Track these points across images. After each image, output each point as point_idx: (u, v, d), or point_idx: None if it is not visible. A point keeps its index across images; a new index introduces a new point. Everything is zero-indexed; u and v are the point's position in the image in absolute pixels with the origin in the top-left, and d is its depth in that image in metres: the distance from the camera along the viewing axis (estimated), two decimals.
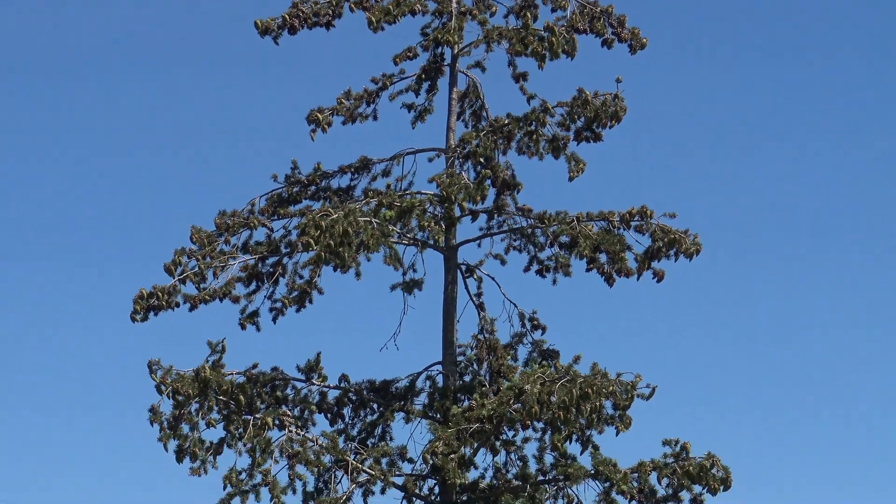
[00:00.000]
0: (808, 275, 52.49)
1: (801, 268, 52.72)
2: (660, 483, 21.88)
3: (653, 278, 23.62)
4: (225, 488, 22.26)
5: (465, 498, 23.40)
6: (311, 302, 23.37)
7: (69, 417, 49.86)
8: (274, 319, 23.38)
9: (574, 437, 22.23)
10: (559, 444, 22.44)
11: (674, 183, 52.64)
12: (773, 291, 52.31)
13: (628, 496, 21.79)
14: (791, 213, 54.15)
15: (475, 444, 22.21)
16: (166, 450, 22.28)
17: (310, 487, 22.88)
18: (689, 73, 54.88)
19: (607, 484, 21.93)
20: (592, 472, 22.03)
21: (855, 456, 48.41)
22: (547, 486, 22.73)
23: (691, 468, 21.63)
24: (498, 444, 23.22)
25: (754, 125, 55.00)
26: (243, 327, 23.20)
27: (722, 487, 21.71)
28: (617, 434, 21.91)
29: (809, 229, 53.53)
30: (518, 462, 23.46)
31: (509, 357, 24.58)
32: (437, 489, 23.71)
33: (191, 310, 22.81)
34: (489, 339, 24.72)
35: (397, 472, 23.34)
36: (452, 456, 21.60)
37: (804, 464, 48.42)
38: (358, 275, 22.38)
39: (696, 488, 21.89)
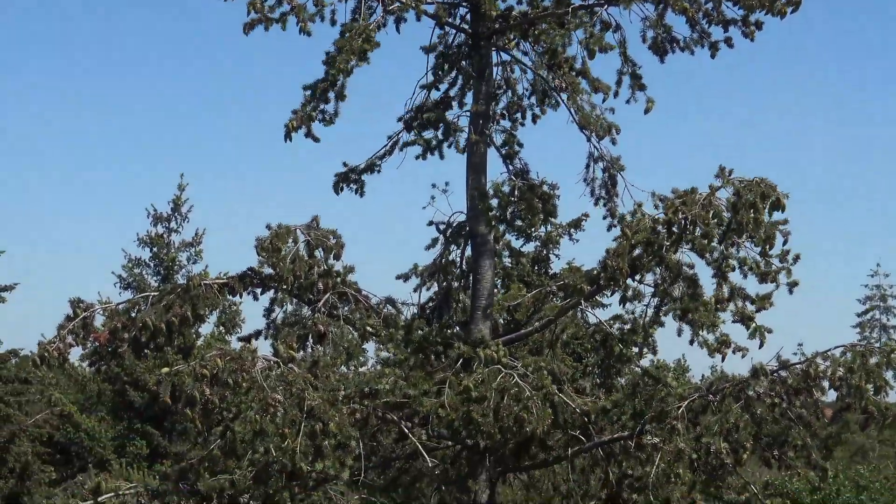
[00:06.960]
0: None
1: None
2: None
3: None
4: (249, 14, 20.97)
5: (497, 26, 22.74)
6: None
7: None
8: None
9: None
10: None
11: None
12: None
13: (689, 13, 20.66)
14: None
15: None
16: None
17: (340, 17, 21.46)
18: None
19: (661, 5, 20.83)
20: None
21: None
22: (586, 11, 21.74)
23: None
24: None
25: None
26: None
27: (790, 10, 20.64)
28: None
29: None
30: None
31: None
32: (468, 17, 23.07)
33: None
34: None
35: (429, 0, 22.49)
36: None
37: None
38: None
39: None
